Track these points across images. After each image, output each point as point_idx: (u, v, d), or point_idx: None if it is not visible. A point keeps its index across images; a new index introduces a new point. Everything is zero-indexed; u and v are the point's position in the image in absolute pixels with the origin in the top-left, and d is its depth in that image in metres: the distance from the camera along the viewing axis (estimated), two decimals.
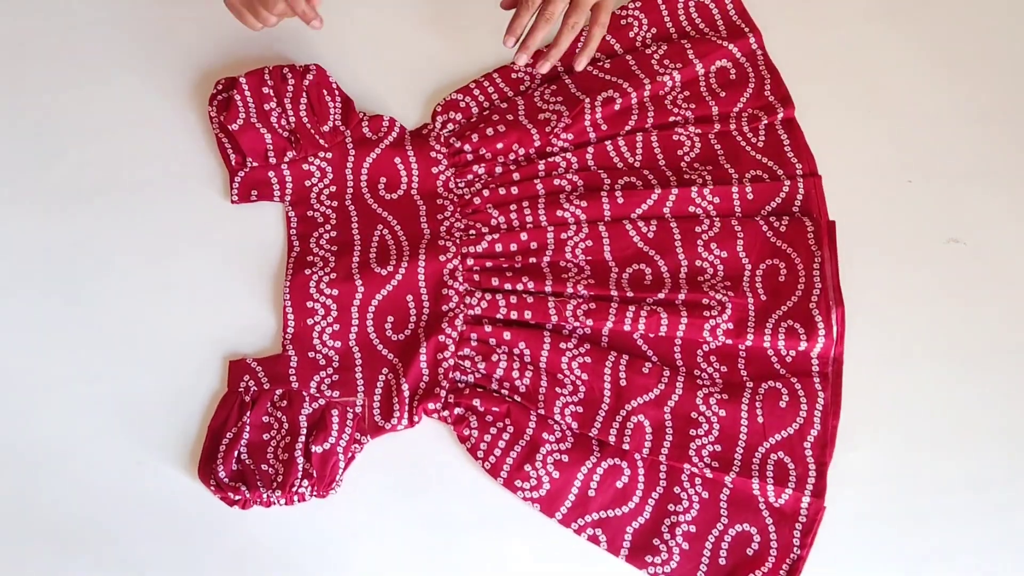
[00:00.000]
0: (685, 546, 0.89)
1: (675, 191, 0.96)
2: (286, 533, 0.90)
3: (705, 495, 0.91)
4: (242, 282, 0.96)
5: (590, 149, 0.99)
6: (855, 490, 0.91)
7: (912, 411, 0.94)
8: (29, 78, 1.00)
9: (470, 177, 0.98)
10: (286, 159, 0.96)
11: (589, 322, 0.93)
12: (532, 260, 0.95)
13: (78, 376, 0.93)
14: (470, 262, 0.95)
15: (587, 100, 0.98)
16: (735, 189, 0.97)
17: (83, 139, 0.99)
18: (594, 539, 0.90)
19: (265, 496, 0.87)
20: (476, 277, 0.95)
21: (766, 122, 1.00)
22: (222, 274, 0.96)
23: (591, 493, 0.90)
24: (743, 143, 1.00)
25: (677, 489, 0.91)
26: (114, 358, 0.93)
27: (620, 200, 0.96)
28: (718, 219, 0.96)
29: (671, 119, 1.00)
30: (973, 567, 0.90)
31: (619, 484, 0.91)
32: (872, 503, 0.91)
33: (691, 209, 0.97)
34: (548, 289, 0.94)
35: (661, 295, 0.94)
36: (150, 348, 0.93)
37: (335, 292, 0.94)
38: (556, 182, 0.97)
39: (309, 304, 0.94)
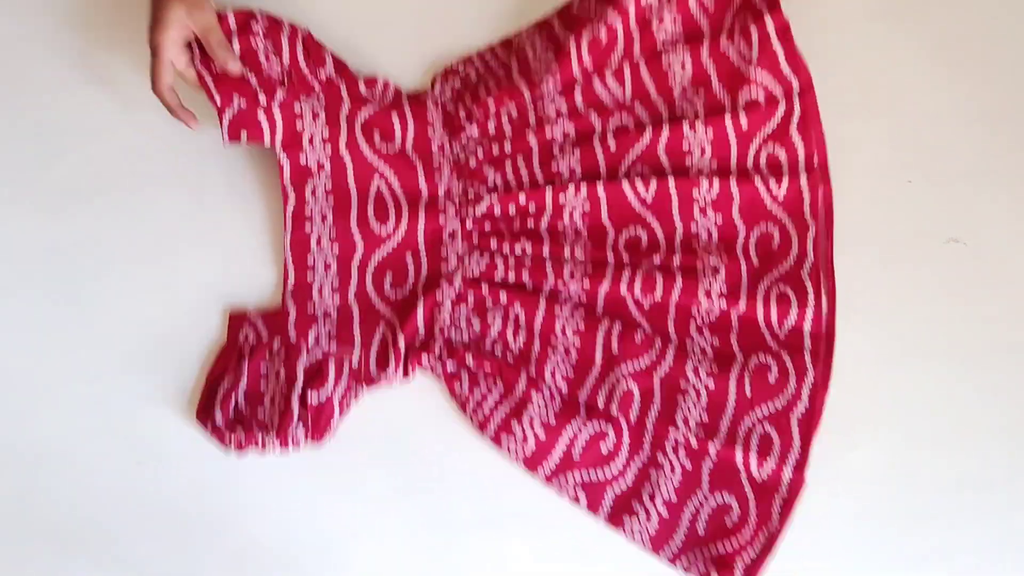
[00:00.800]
0: (664, 513, 0.90)
1: (667, 130, 0.95)
2: (286, 533, 0.90)
3: (688, 465, 0.91)
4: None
5: (578, 89, 0.97)
6: (855, 490, 0.91)
7: (912, 410, 0.94)
8: (29, 78, 1.00)
9: (464, 138, 0.97)
10: (276, 100, 0.93)
11: (585, 284, 0.93)
12: (530, 223, 0.95)
13: (78, 376, 0.93)
14: (469, 224, 0.95)
15: (572, 39, 0.95)
16: (728, 119, 0.96)
17: (83, 139, 0.99)
18: (575, 499, 0.91)
19: (260, 439, 0.87)
20: (475, 239, 0.95)
21: (758, 34, 0.96)
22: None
23: (575, 455, 0.91)
24: (736, 60, 0.97)
25: (660, 457, 0.91)
26: (114, 358, 0.93)
27: (612, 148, 0.95)
28: (717, 180, 0.95)
29: (659, 41, 0.97)
30: (973, 567, 0.90)
31: (604, 448, 0.91)
32: (872, 503, 0.91)
33: (685, 148, 0.95)
34: (545, 252, 0.94)
35: (656, 259, 0.94)
36: (150, 348, 0.94)
37: (335, 249, 0.94)
38: (548, 134, 0.96)
39: (309, 260, 0.94)
